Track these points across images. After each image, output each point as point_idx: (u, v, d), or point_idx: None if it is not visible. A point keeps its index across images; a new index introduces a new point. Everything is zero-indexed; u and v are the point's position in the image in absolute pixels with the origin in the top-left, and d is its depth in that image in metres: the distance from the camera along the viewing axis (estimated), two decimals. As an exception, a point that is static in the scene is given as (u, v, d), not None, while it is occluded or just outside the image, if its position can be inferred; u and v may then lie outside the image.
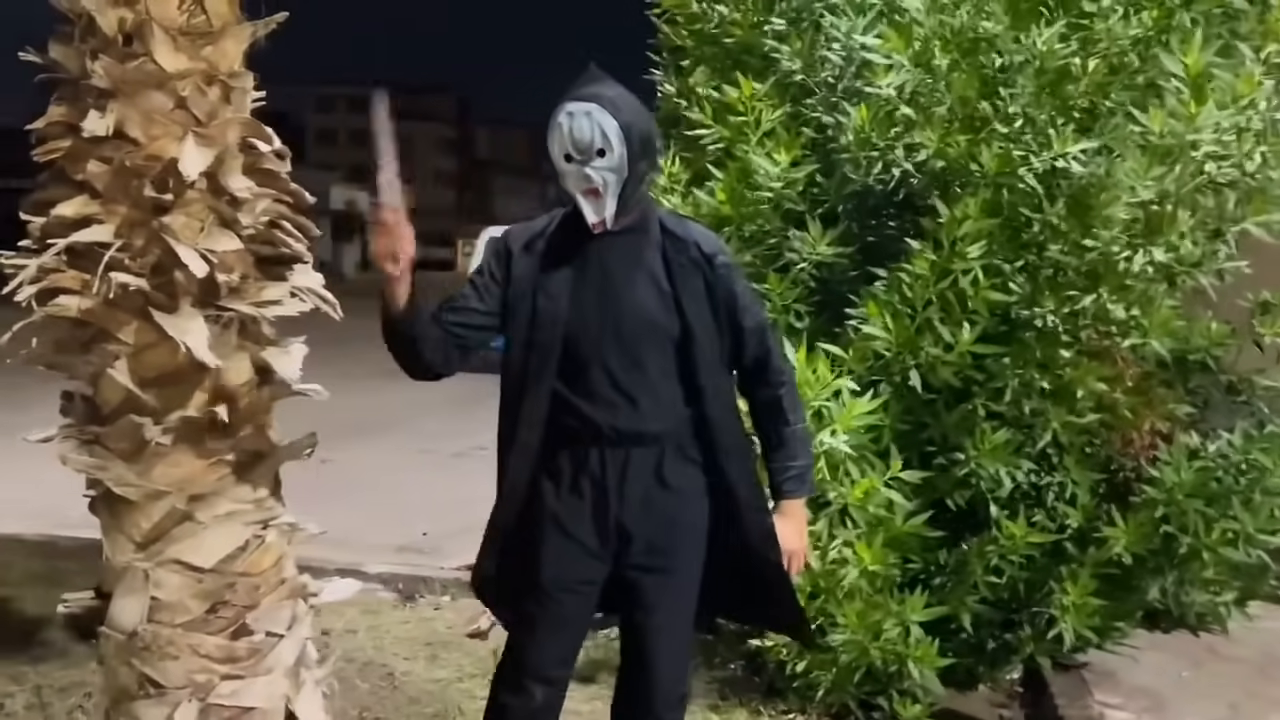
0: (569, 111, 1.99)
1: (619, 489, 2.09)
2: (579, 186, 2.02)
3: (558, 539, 2.11)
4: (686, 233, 2.15)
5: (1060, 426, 3.23)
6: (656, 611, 2.15)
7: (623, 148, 1.99)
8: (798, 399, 2.27)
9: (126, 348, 2.23)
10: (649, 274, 2.10)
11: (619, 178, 2.01)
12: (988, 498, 3.27)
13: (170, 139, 2.18)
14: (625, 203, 2.04)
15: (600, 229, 2.04)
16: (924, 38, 2.80)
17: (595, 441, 2.09)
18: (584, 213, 2.03)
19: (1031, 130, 2.93)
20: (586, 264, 2.09)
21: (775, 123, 3.09)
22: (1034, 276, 3.10)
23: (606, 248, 2.09)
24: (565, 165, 2.01)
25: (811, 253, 3.12)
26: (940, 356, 2.93)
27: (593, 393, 2.08)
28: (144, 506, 2.30)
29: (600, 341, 2.07)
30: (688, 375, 2.10)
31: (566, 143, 1.99)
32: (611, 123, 1.99)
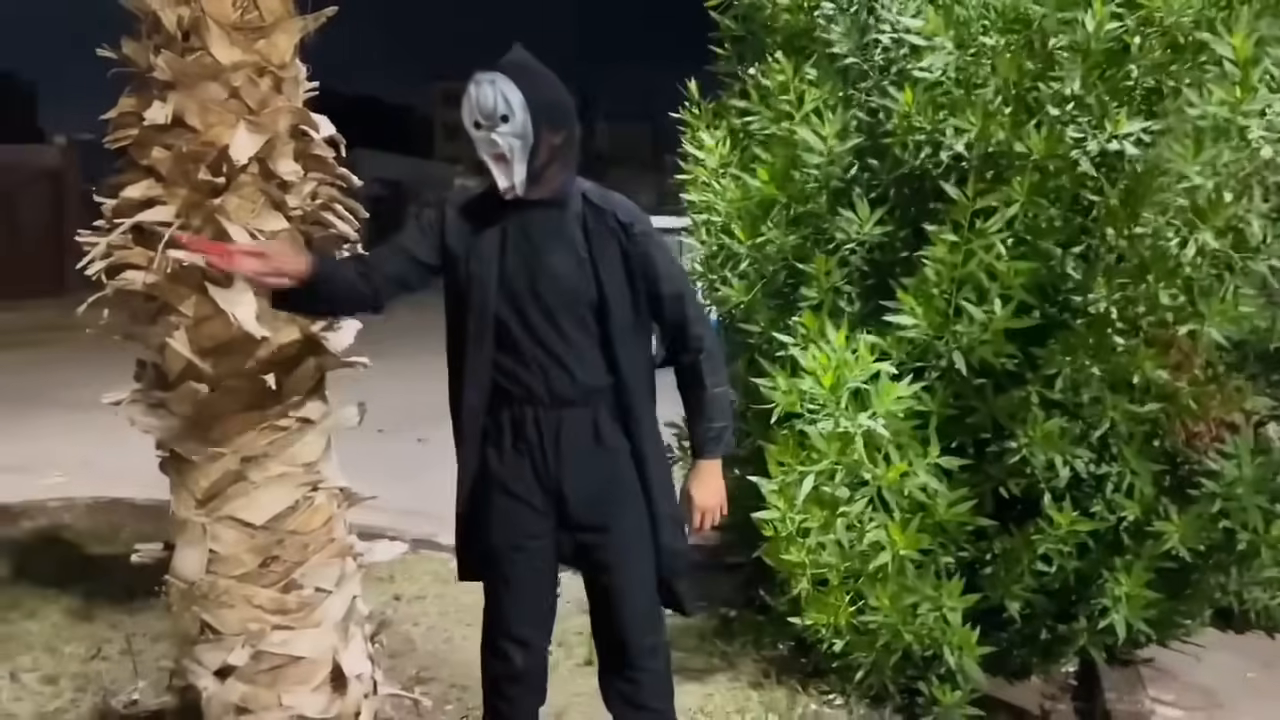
0: (476, 80, 2.10)
1: (555, 449, 2.20)
2: (487, 152, 2.12)
3: (502, 499, 2.23)
4: (606, 203, 2.23)
5: (1119, 415, 3.14)
6: (612, 571, 2.25)
7: (525, 114, 2.08)
8: (719, 363, 2.31)
9: (186, 319, 2.43)
10: (569, 243, 2.19)
11: (524, 144, 2.10)
12: (1042, 486, 3.22)
13: (224, 126, 2.36)
14: (537, 172, 2.13)
15: (510, 194, 2.13)
16: (967, 19, 2.77)
17: (529, 403, 2.19)
18: (495, 179, 2.12)
19: (1082, 112, 2.87)
20: (510, 232, 2.18)
21: (819, 101, 3.10)
22: (1088, 262, 3.03)
23: (530, 218, 2.18)
24: (474, 132, 2.12)
25: (859, 233, 3.12)
26: (977, 337, 2.90)
27: (523, 357, 2.18)
28: (203, 466, 2.50)
29: (525, 308, 2.17)
30: (605, 341, 2.18)
31: (474, 109, 2.10)
32: (514, 90, 2.08)
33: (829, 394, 2.66)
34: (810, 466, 2.71)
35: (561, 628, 3.42)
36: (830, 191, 3.24)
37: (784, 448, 2.72)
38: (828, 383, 2.65)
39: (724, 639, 3.63)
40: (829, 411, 2.67)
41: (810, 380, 2.67)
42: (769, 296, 3.32)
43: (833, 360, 2.66)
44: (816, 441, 2.67)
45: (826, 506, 2.75)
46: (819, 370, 2.66)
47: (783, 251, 3.23)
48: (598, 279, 2.18)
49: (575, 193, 2.24)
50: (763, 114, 3.19)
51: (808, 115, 3.07)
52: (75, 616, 3.74)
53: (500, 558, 2.26)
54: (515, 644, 2.32)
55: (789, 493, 2.75)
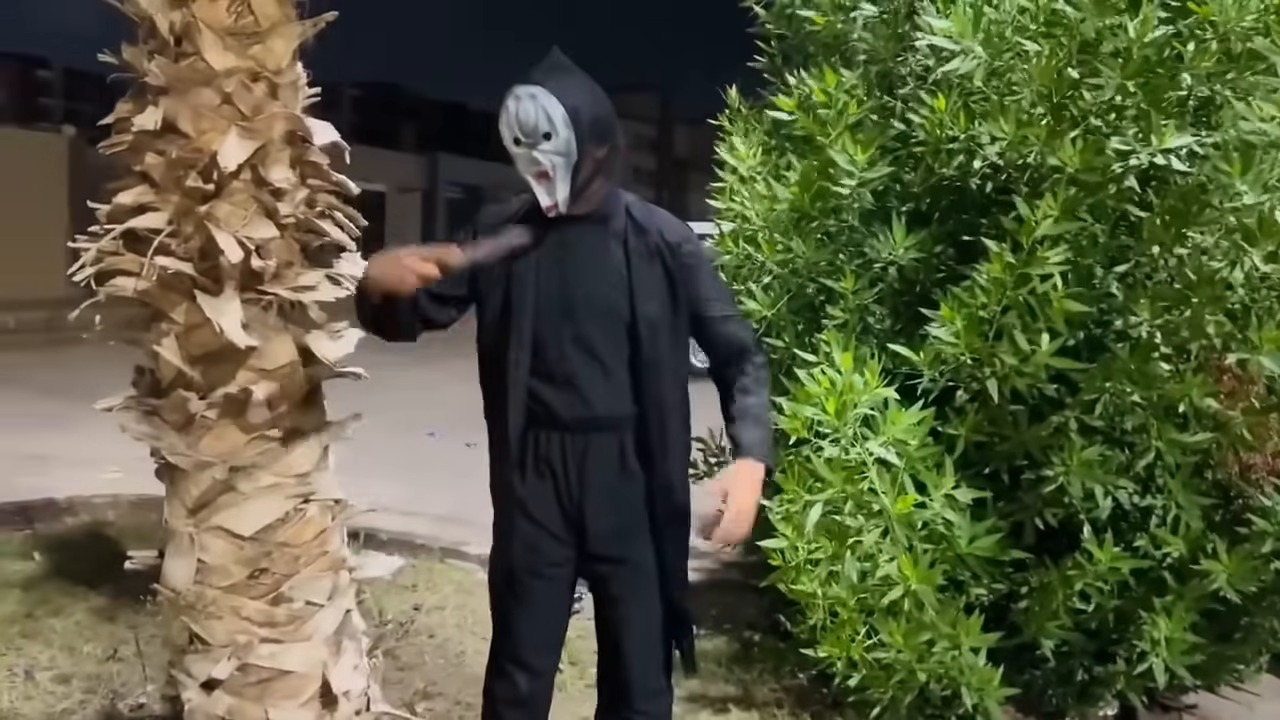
0: (515, 95, 2.00)
1: (579, 476, 2.09)
2: (529, 170, 2.02)
3: (524, 524, 2.13)
4: (651, 220, 2.12)
5: (1165, 445, 2.94)
6: (622, 604, 2.14)
7: (569, 131, 1.98)
8: (767, 376, 2.19)
9: (177, 326, 2.40)
10: (610, 261, 2.09)
11: (567, 161, 2.00)
12: (1082, 519, 3.03)
13: (216, 133, 2.33)
14: (580, 188, 2.03)
15: (554, 212, 2.03)
16: (998, 21, 2.61)
17: (555, 426, 2.09)
18: (537, 196, 2.03)
19: (1122, 122, 2.68)
20: (548, 250, 2.08)
21: (862, 114, 2.96)
22: (1129, 283, 2.83)
23: (570, 234, 2.08)
24: (514, 149, 2.02)
25: (892, 253, 2.97)
26: (1016, 367, 2.72)
27: (553, 378, 2.08)
28: (193, 475, 2.47)
29: (560, 328, 2.07)
30: (639, 366, 2.07)
31: (514, 126, 2.00)
32: (556, 106, 1.98)
33: (834, 419, 2.52)
34: (817, 495, 2.57)
35: (576, 646, 3.35)
36: (862, 208, 3.09)
37: (790, 474, 2.58)
38: (832, 408, 2.51)
39: (743, 665, 3.50)
40: (835, 438, 2.53)
41: (814, 406, 2.53)
42: (795, 312, 3.19)
43: (837, 385, 2.52)
44: (821, 469, 2.53)
45: (835, 537, 2.61)
46: (823, 395, 2.52)
47: (810, 266, 3.09)
48: (634, 299, 2.07)
49: (619, 208, 2.14)
50: (800, 119, 3.04)
51: (843, 132, 2.91)
52: (99, 616, 3.78)
53: (518, 582, 2.17)
54: (522, 669, 2.22)
55: (796, 521, 2.61)
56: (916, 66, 3.15)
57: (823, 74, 3.08)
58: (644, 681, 2.16)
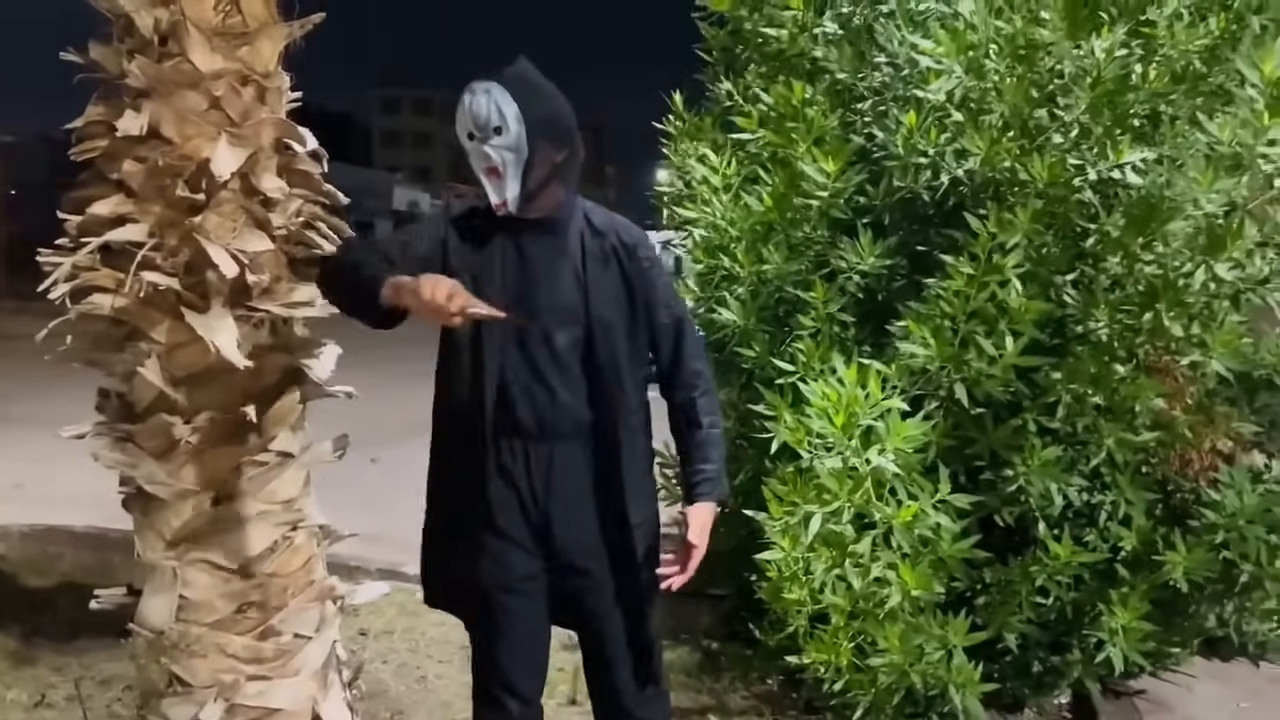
0: (471, 89, 1.97)
1: (544, 485, 2.06)
2: (480, 165, 1.99)
3: (492, 540, 2.08)
4: (608, 224, 2.11)
5: (1115, 444, 3.10)
6: (603, 618, 2.12)
7: (520, 127, 1.96)
8: (715, 402, 2.20)
9: (158, 346, 2.24)
10: (568, 264, 2.07)
11: (518, 157, 1.97)
12: (1036, 516, 3.16)
13: (204, 139, 2.19)
14: (533, 189, 2.00)
15: (503, 210, 2.00)
16: (977, 43, 2.70)
17: (518, 435, 2.05)
18: (487, 194, 2.00)
19: (1088, 140, 2.82)
20: (507, 252, 2.06)
21: (826, 130, 3.01)
22: (1089, 289, 2.98)
23: (529, 238, 2.05)
24: (467, 144, 1.99)
25: (859, 262, 3.04)
26: (984, 371, 2.83)
27: (518, 385, 2.04)
28: (174, 505, 2.31)
29: (525, 330, 2.03)
30: (600, 370, 2.06)
31: (467, 119, 1.97)
32: (510, 102, 1.96)
33: (839, 432, 2.56)
34: (818, 505, 2.60)
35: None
36: (829, 220, 3.15)
37: (791, 486, 2.60)
38: (839, 421, 2.54)
39: (711, 674, 3.51)
40: (839, 449, 2.57)
41: (820, 419, 2.56)
42: (765, 322, 3.22)
43: (843, 397, 2.56)
44: (826, 480, 2.56)
45: (833, 546, 2.65)
46: (830, 408, 2.55)
47: (781, 277, 3.13)
48: (589, 301, 2.05)
49: (575, 213, 2.12)
50: (766, 136, 3.08)
51: (810, 145, 2.97)
52: (15, 659, 3.48)
53: (492, 602, 2.10)
54: (512, 696, 2.16)
55: (794, 532, 2.63)
56: (876, 83, 3.22)
57: (790, 87, 3.12)
58: (639, 689, 2.15)
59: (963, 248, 2.87)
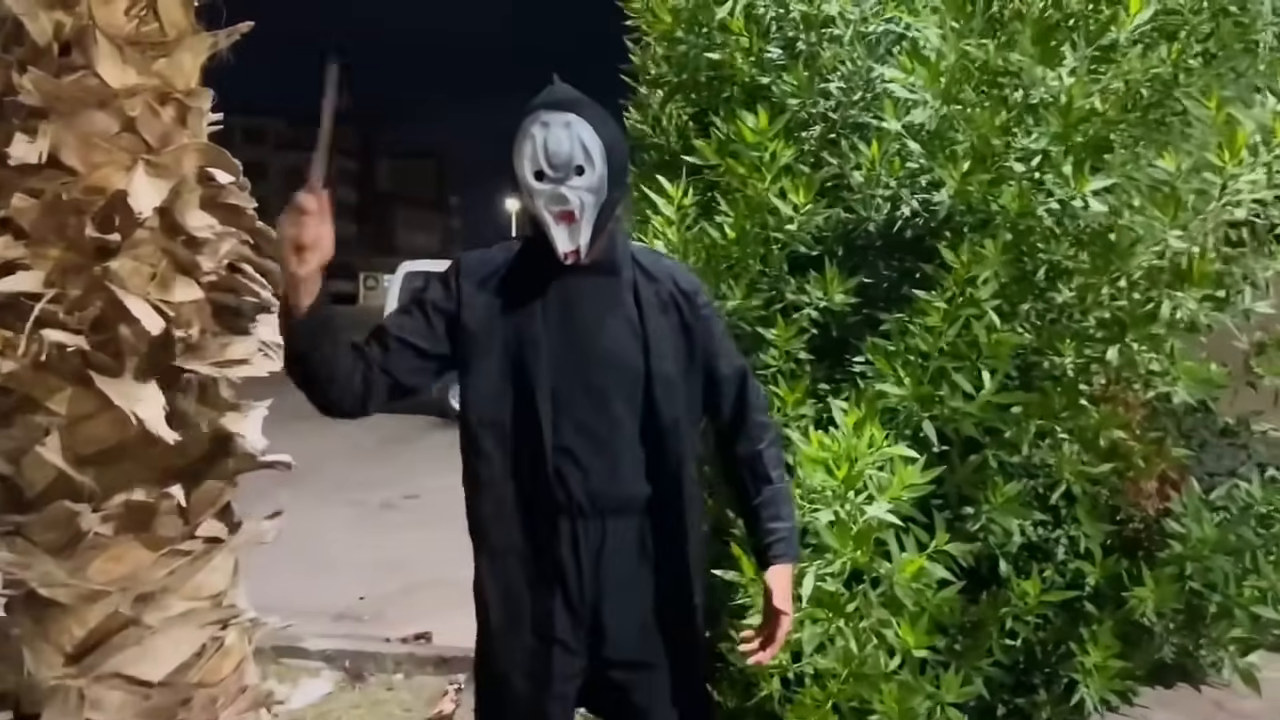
0: (544, 121, 1.71)
1: (594, 572, 1.80)
2: (550, 208, 1.73)
3: (529, 639, 1.81)
4: (661, 268, 1.90)
5: (1073, 476, 3.05)
6: (650, 714, 1.87)
7: (604, 166, 1.73)
8: (781, 455, 2.04)
9: (58, 419, 1.85)
10: (622, 314, 1.84)
11: (597, 200, 1.74)
12: (997, 553, 3.07)
13: (115, 168, 1.82)
14: (597, 232, 1.77)
15: (573, 259, 1.76)
16: (948, 70, 2.60)
17: (566, 513, 1.79)
18: (554, 240, 1.74)
19: (1052, 170, 2.76)
20: (552, 304, 1.81)
21: (790, 159, 2.85)
22: (1050, 322, 2.92)
23: (575, 285, 1.81)
24: (535, 184, 1.73)
25: (822, 298, 2.88)
26: (960, 408, 2.71)
27: (566, 454, 1.78)
28: (77, 610, 1.91)
29: (574, 395, 1.78)
30: (660, 432, 1.83)
31: (539, 157, 1.71)
32: (594, 137, 1.72)
33: (840, 485, 2.37)
34: (810, 563, 2.40)
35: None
36: (787, 254, 2.99)
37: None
38: (841, 474, 2.35)
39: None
40: (837, 503, 2.38)
41: (820, 473, 2.36)
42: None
43: (843, 446, 2.37)
44: (826, 537, 2.37)
45: (826, 606, 2.45)
46: (830, 460, 2.36)
47: (742, 313, 2.94)
48: (649, 355, 1.81)
49: (625, 255, 1.88)
50: (728, 165, 2.89)
51: (778, 175, 2.80)
52: None
53: (523, 704, 1.82)
54: None
55: (784, 590, 2.42)
56: (824, 109, 3.09)
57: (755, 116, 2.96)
58: None
59: (932, 281, 2.76)
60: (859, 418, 2.44)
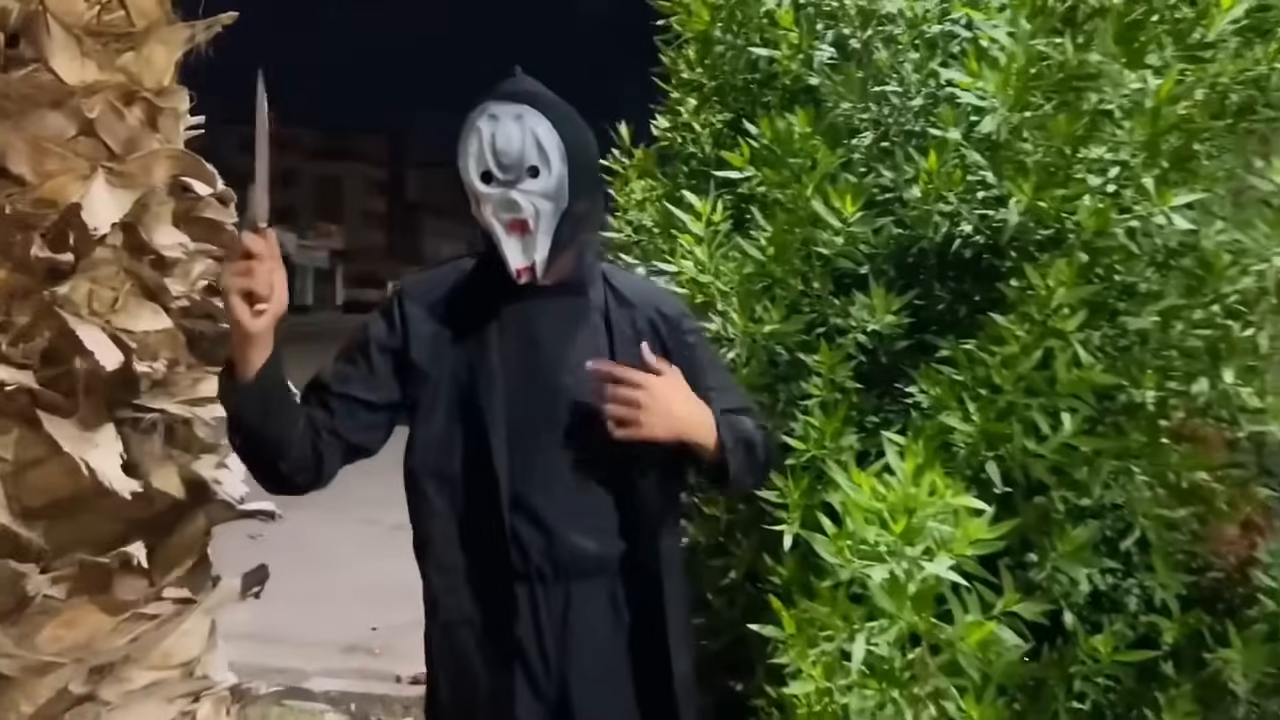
0: (491, 114, 1.46)
1: (559, 645, 1.56)
2: (501, 216, 1.48)
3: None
4: (639, 292, 1.66)
5: (1150, 522, 2.76)
6: None
7: (563, 167, 1.48)
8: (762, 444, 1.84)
9: (2, 466, 1.61)
10: (590, 344, 1.59)
11: (555, 208, 1.49)
12: (1062, 605, 2.78)
13: (71, 177, 1.58)
14: (559, 247, 1.52)
15: (527, 277, 1.51)
16: (1019, 73, 2.32)
17: (525, 578, 1.55)
18: (504, 255, 1.49)
19: (1131, 183, 2.48)
20: (509, 332, 1.56)
21: (834, 166, 2.59)
22: (1129, 352, 2.64)
23: (536, 309, 1.57)
24: (482, 187, 1.48)
25: (870, 320, 2.62)
26: (1034, 450, 2.43)
27: (525, 508, 1.53)
28: (25, 684, 1.66)
29: (536, 437, 1.53)
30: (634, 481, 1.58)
31: (486, 155, 1.46)
32: (550, 132, 1.47)
33: (898, 540, 2.09)
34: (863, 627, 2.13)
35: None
36: (832, 272, 2.72)
37: (831, 606, 2.11)
38: (899, 528, 2.08)
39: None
40: (895, 559, 2.09)
41: (874, 528, 2.08)
42: (759, 390, 2.76)
43: (900, 495, 2.09)
44: (879, 598, 2.09)
45: (879, 675, 2.17)
46: (887, 512, 2.09)
47: (780, 337, 2.69)
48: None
49: (595, 276, 1.64)
50: (763, 175, 2.64)
51: (820, 184, 2.54)
52: None
53: None
54: None
55: (829, 660, 2.15)
56: (878, 115, 2.83)
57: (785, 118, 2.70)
58: None
59: (1002, 304, 2.49)
60: (919, 462, 2.15)
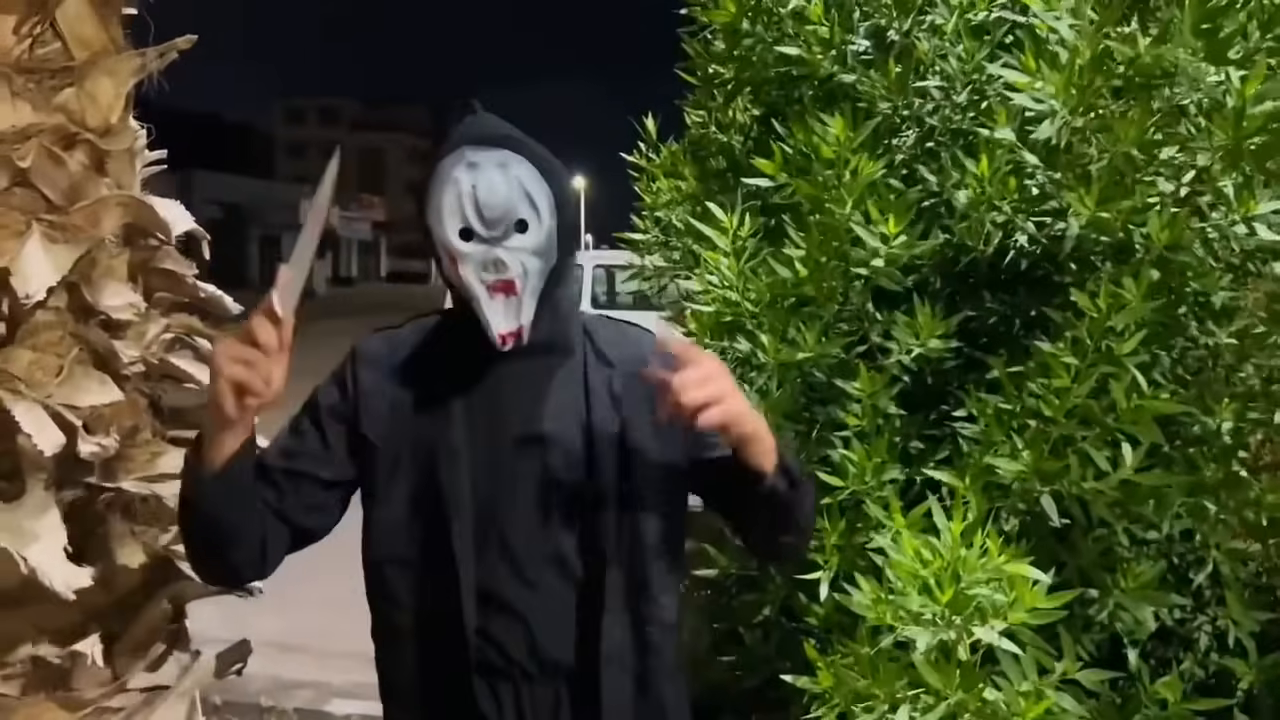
0: (470, 162, 1.27)
1: None
2: (484, 277, 1.29)
3: None
4: (622, 348, 1.43)
5: (1222, 556, 2.52)
6: None
7: (553, 220, 1.30)
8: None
9: (-58, 553, 1.45)
10: (571, 410, 1.39)
11: (544, 265, 1.31)
12: (1125, 642, 2.56)
13: (5, 234, 1.41)
14: (542, 306, 1.34)
15: (512, 343, 1.32)
16: (1084, 72, 2.06)
17: (505, 677, 1.35)
18: (485, 319, 1.30)
19: (1208, 188, 2.22)
20: (473, 401, 1.37)
21: (876, 174, 2.35)
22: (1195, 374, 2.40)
23: (507, 373, 1.38)
24: (461, 245, 1.29)
25: (915, 343, 2.39)
26: (1093, 487, 2.20)
27: (497, 599, 1.34)
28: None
29: (507, 517, 1.35)
30: (627, 564, 1.37)
31: (467, 209, 1.27)
32: (538, 181, 1.29)
33: (944, 610, 1.87)
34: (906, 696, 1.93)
35: None
36: (870, 289, 2.49)
37: (870, 675, 1.91)
38: (946, 598, 1.86)
39: None
40: (942, 631, 1.88)
41: (911, 588, 1.87)
42: (791, 418, 2.55)
43: (947, 560, 1.88)
44: (929, 676, 1.88)
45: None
46: (931, 577, 1.87)
47: (817, 362, 2.47)
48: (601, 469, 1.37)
49: (577, 331, 1.44)
50: (796, 186, 2.41)
51: (860, 197, 2.31)
52: None
53: None
54: None
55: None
56: (921, 112, 2.57)
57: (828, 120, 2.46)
58: None
59: (1055, 326, 2.25)
60: (965, 524, 1.93)
